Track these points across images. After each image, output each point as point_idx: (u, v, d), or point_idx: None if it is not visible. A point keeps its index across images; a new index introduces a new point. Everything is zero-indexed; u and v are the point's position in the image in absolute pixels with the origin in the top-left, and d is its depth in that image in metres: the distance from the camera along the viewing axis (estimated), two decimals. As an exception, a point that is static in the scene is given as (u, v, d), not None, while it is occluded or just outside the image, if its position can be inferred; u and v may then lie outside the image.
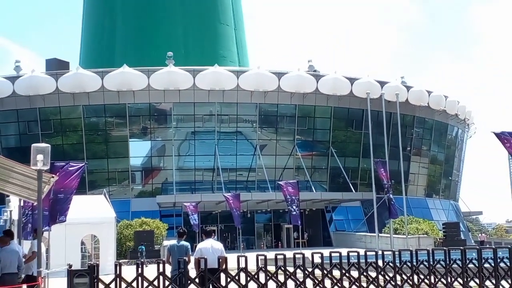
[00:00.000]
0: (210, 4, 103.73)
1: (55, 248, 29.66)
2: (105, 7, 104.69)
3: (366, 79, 69.22)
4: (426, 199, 77.12)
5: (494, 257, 17.94)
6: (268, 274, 16.14)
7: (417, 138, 76.26)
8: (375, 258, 17.39)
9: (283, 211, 66.32)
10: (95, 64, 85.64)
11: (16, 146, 61.39)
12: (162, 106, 66.86)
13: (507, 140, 31.78)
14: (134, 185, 67.64)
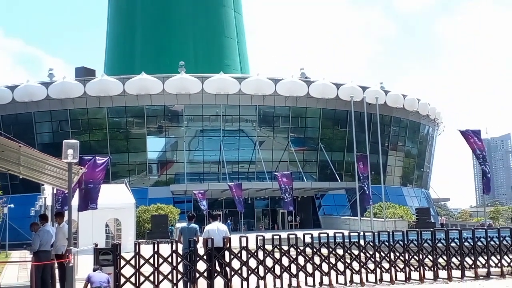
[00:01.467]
0: (217, 20, 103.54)
1: (83, 230, 29.67)
2: (127, 22, 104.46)
3: (350, 84, 69.41)
4: (401, 187, 77.16)
5: (460, 238, 17.97)
6: (266, 252, 16.19)
7: (394, 135, 76.26)
8: (358, 238, 17.42)
9: (278, 198, 66.25)
10: (117, 71, 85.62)
11: (50, 142, 61.31)
12: (175, 107, 66.88)
13: (470, 136, 31.90)
14: (151, 176, 67.67)
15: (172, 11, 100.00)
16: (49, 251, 15.08)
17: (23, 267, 23.11)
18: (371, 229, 40.47)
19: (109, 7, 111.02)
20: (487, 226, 31.74)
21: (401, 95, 74.54)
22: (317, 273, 16.22)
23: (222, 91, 65.38)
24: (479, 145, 31.63)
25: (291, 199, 50.21)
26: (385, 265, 16.97)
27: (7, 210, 45.70)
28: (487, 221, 56.50)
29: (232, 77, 69.22)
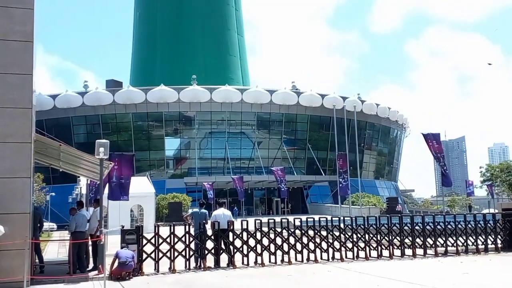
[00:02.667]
0: (223, 42, 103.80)
1: (112, 214, 29.78)
2: (148, 42, 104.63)
3: (332, 95, 69.54)
4: (375, 180, 77.15)
5: (422, 222, 18.02)
6: (262, 233, 16.22)
7: (368, 137, 76.24)
8: (338, 222, 17.45)
9: (273, 189, 66.67)
10: (140, 83, 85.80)
11: (84, 142, 61.22)
12: (188, 113, 66.84)
13: (430, 140, 31.88)
14: (168, 170, 67.72)
15: (186, 34, 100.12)
16: (84, 232, 15.09)
17: (62, 245, 23.09)
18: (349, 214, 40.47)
19: (134, 29, 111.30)
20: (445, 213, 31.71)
21: (375, 104, 74.65)
22: (305, 251, 16.25)
23: (227, 100, 65.63)
24: (437, 147, 31.57)
25: (286, 189, 51.33)
26: (361, 244, 17.00)
27: (49, 198, 45.77)
28: (445, 208, 56.48)
29: (235, 88, 69.40)
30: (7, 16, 13.09)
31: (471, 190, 69.16)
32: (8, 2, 13.15)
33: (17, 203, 12.59)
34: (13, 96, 12.89)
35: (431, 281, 11.96)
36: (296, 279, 12.96)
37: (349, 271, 14.04)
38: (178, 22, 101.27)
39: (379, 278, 12.55)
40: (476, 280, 12.07)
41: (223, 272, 14.47)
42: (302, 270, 14.56)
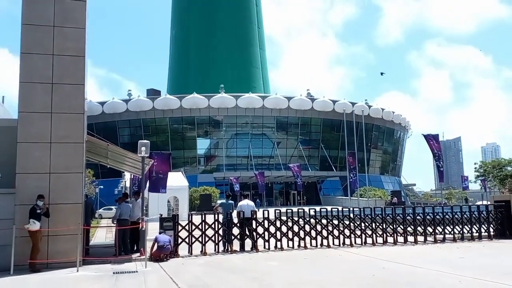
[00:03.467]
0: (247, 55, 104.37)
1: (152, 204, 30.00)
2: (183, 56, 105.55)
3: (343, 101, 69.24)
4: (380, 176, 76.51)
5: (423, 212, 17.84)
6: (281, 221, 16.21)
7: (375, 138, 75.67)
8: (348, 212, 17.35)
9: (290, 183, 66.44)
10: (176, 91, 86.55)
11: (128, 142, 61.81)
12: (217, 118, 67.16)
13: (430, 139, 31.47)
14: (199, 166, 68.08)
15: (215, 49, 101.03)
16: (127, 219, 15.23)
17: (109, 231, 23.37)
18: (358, 205, 40.18)
19: (170, 45, 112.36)
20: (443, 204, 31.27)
21: (380, 108, 74.22)
22: (318, 237, 16.19)
23: (250, 106, 65.86)
24: (436, 146, 31.24)
25: (301, 183, 51.45)
26: (368, 232, 16.89)
27: (98, 190, 46.34)
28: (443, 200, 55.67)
29: (258, 96, 69.53)
30: (63, 34, 13.29)
31: (466, 184, 68.41)
32: (64, 23, 13.35)
33: (71, 194, 12.78)
34: (68, 104, 13.07)
35: (431, 264, 11.82)
36: (311, 262, 12.92)
37: (358, 255, 13.95)
38: (208, 39, 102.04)
39: (385, 262, 12.45)
40: (471, 263, 11.91)
41: (247, 255, 14.49)
42: (316, 254, 14.51)
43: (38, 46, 13.04)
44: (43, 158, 12.67)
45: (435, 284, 9.39)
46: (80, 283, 10.45)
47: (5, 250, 11.88)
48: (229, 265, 12.53)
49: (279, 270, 11.56)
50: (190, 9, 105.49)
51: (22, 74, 12.86)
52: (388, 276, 10.40)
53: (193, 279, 10.51)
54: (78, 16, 13.49)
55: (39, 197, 12.29)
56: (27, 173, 12.54)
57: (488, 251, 14.59)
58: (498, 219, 18.26)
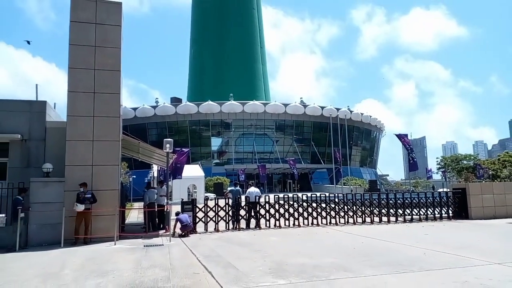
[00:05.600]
0: (251, 70, 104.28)
1: (175, 191, 30.07)
2: (200, 69, 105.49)
3: (329, 107, 69.02)
4: (360, 168, 76.26)
5: (395, 197, 17.82)
6: (279, 205, 16.22)
7: (355, 137, 75.32)
8: (334, 197, 17.35)
9: (287, 173, 66.30)
10: (194, 98, 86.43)
11: (156, 140, 61.52)
12: (227, 120, 67.06)
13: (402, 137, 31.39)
14: (213, 160, 68.01)
15: (226, 65, 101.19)
16: (153, 202, 15.31)
17: (140, 212, 23.42)
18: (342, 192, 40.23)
19: (189, 61, 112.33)
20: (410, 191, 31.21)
21: (360, 113, 73.90)
22: (309, 217, 16.20)
23: (254, 111, 65.74)
24: (408, 141, 31.32)
25: (296, 173, 51.33)
26: (350, 213, 16.87)
27: (131, 179, 46.36)
28: (411, 188, 55.47)
29: (260, 103, 69.38)
30: (102, 53, 13.34)
31: (430, 174, 68.25)
32: (103, 43, 13.40)
33: (109, 182, 12.83)
34: (106, 109, 13.12)
35: (401, 239, 11.80)
36: (303, 237, 12.93)
37: (341, 232, 13.94)
38: (221, 57, 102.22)
39: (363, 238, 12.43)
40: (433, 239, 11.88)
41: (252, 232, 14.50)
42: (307, 231, 14.51)
43: (82, 62, 13.10)
44: (87, 153, 12.73)
45: (404, 255, 9.38)
46: (117, 254, 10.49)
47: (58, 227, 11.96)
48: (237, 240, 12.54)
49: (277, 244, 11.57)
50: (206, 32, 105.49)
51: (69, 85, 12.93)
52: (366, 248, 10.39)
53: (208, 251, 10.53)
54: (114, 38, 13.54)
55: (81, 185, 12.37)
56: (73, 165, 12.61)
57: (447, 229, 14.55)
58: (456, 203, 18.21)
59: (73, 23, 13.15)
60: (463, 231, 14.01)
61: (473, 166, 58.85)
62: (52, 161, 12.89)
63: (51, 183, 12.40)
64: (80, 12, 13.27)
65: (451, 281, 6.91)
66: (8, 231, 11.73)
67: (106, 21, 13.49)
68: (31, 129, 13.34)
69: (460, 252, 9.56)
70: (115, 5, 13.73)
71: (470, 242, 11.29)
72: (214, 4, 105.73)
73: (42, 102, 13.83)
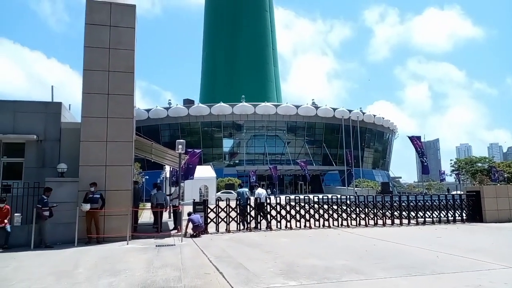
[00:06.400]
0: (263, 71, 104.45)
1: (187, 191, 30.15)
2: (212, 71, 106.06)
3: (341, 108, 68.77)
4: (372, 170, 75.72)
5: (407, 200, 17.63)
6: (290, 206, 16.17)
7: (368, 139, 74.89)
8: (345, 199, 17.23)
9: (298, 175, 66.10)
10: (206, 100, 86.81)
11: (169, 141, 61.95)
12: (239, 122, 67.27)
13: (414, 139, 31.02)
14: (225, 161, 68.24)
15: (237, 67, 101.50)
16: (162, 203, 15.54)
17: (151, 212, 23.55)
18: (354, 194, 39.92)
19: (202, 63, 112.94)
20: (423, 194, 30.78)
21: (372, 115, 73.41)
22: (321, 219, 16.10)
23: (266, 112, 65.79)
24: (419, 145, 30.85)
25: (307, 175, 51.23)
26: (362, 215, 16.73)
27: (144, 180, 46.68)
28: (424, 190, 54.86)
29: (272, 104, 69.36)
30: (116, 55, 13.48)
31: (443, 177, 67.46)
32: (117, 46, 13.53)
33: (122, 183, 12.93)
34: (120, 110, 13.23)
35: (413, 242, 11.66)
36: (315, 239, 12.85)
37: (353, 234, 13.83)
38: (233, 59, 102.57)
39: (375, 239, 12.32)
40: (446, 242, 11.71)
41: (263, 233, 14.47)
42: (319, 232, 14.43)
43: (97, 64, 13.24)
44: (100, 153, 12.86)
45: (417, 258, 9.27)
46: (129, 253, 10.57)
47: (72, 227, 12.11)
48: (248, 241, 12.53)
49: (288, 245, 11.53)
50: (218, 34, 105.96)
51: (84, 86, 13.07)
52: (378, 250, 10.29)
53: (219, 251, 10.55)
54: (128, 40, 13.66)
55: (91, 184, 12.50)
56: (87, 166, 12.75)
57: (461, 232, 14.34)
58: (470, 206, 17.94)
59: (88, 25, 13.31)
60: (477, 234, 13.77)
61: (488, 169, 57.93)
62: (66, 161, 13.06)
63: (66, 183, 12.56)
64: (95, 15, 13.43)
65: (464, 285, 6.80)
66: (23, 229, 11.92)
67: (120, 24, 13.61)
68: (46, 130, 13.53)
69: (474, 255, 9.40)
70: (129, 8, 13.85)
71: (484, 245, 11.10)
72: (227, 6, 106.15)
73: (58, 104, 14.03)
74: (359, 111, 70.91)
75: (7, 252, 10.98)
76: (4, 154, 13.35)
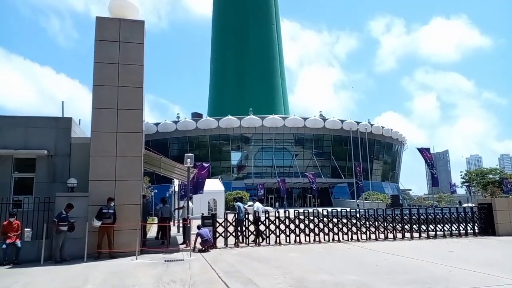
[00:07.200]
0: (270, 85, 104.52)
1: (196, 205, 30.12)
2: (220, 85, 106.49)
3: (349, 120, 68.31)
4: (382, 182, 74.95)
5: (417, 213, 17.42)
6: (299, 219, 16.05)
7: (376, 151, 74.30)
8: (355, 213, 17.07)
9: (307, 188, 65.49)
10: (214, 114, 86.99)
11: (177, 155, 62.10)
12: (246, 134, 67.13)
13: (424, 151, 30.78)
14: (233, 174, 67.95)
15: (245, 80, 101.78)
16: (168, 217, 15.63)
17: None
18: (363, 207, 39.53)
19: (210, 77, 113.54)
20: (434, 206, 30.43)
21: (381, 126, 72.95)
22: (330, 233, 15.94)
23: (274, 125, 65.63)
24: (429, 157, 30.63)
25: (316, 188, 50.85)
26: (372, 229, 16.54)
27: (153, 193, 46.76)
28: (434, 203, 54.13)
29: (279, 117, 69.13)
30: (126, 70, 13.63)
31: (454, 189, 66.62)
32: (127, 61, 13.70)
33: (132, 197, 12.96)
34: (129, 125, 13.33)
35: (425, 256, 11.48)
36: (324, 253, 12.72)
37: (364, 249, 13.66)
38: (240, 72, 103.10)
39: (386, 254, 12.15)
40: (459, 256, 11.51)
41: (272, 247, 14.35)
42: (328, 247, 14.28)
43: (106, 79, 13.39)
44: (110, 168, 12.92)
45: (428, 272, 9.11)
46: (138, 269, 10.53)
47: (81, 242, 12.12)
48: (257, 256, 12.43)
49: (298, 260, 11.41)
50: (226, 48, 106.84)
51: (94, 101, 13.21)
52: (389, 265, 10.14)
53: (228, 267, 10.47)
54: (137, 55, 13.82)
55: (109, 199, 12.52)
56: (97, 180, 12.80)
57: (473, 246, 14.09)
58: (482, 219, 17.66)
59: (98, 42, 13.52)
60: (490, 248, 13.52)
61: (499, 180, 57.09)
62: (76, 176, 13.15)
63: (76, 197, 12.61)
64: (104, 31, 13.64)
65: (479, 301, 6.65)
66: (33, 245, 11.96)
67: (129, 39, 13.80)
68: (57, 145, 13.66)
69: (488, 270, 9.22)
70: (137, 24, 14.06)
71: (498, 260, 10.88)
72: (234, 20, 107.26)
73: (68, 119, 14.18)
74: (367, 122, 70.59)
75: (17, 268, 11.01)
76: (16, 169, 13.48)
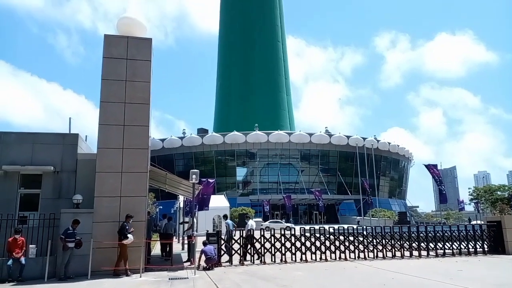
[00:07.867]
0: (276, 100, 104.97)
1: (200, 222, 29.97)
2: (225, 101, 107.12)
3: (355, 136, 68.31)
4: (389, 199, 74.36)
5: (425, 230, 17.21)
6: (305, 236, 15.89)
7: (383, 167, 74.00)
8: (362, 230, 16.88)
9: (313, 205, 65.21)
10: (220, 129, 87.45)
11: (183, 171, 62.31)
12: (252, 150, 67.28)
13: (431, 168, 30.57)
14: (238, 190, 67.83)
15: (251, 96, 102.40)
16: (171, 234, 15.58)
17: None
18: (370, 224, 39.11)
19: (216, 93, 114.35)
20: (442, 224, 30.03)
21: (387, 142, 72.83)
22: (337, 251, 15.74)
23: (279, 140, 65.83)
24: (437, 173, 30.40)
25: (322, 205, 50.40)
26: (379, 247, 16.31)
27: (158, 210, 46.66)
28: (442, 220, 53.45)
29: (285, 132, 69.26)
30: (133, 87, 13.75)
31: (462, 206, 65.84)
32: (134, 78, 13.84)
33: (137, 214, 12.90)
34: (136, 141, 13.37)
35: (433, 275, 11.27)
36: (331, 272, 12.53)
37: (371, 267, 13.46)
38: (246, 89, 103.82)
39: (393, 273, 11.95)
40: (468, 275, 11.28)
41: (278, 266, 14.19)
42: (335, 265, 14.08)
43: (113, 96, 13.50)
44: (115, 184, 12.92)
45: (438, 293, 8.92)
46: (142, 286, 10.43)
47: (86, 259, 12.05)
48: (262, 274, 12.28)
49: (304, 279, 11.25)
50: (232, 65, 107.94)
51: (101, 118, 13.28)
52: (397, 285, 9.96)
53: (233, 285, 10.33)
54: (144, 72, 13.95)
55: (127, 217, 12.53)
56: (102, 197, 12.80)
57: (483, 265, 13.83)
58: (491, 237, 17.37)
59: (106, 59, 13.69)
60: (501, 268, 13.25)
61: (508, 197, 56.35)
62: (82, 192, 13.15)
63: (81, 214, 12.59)
64: (112, 48, 13.83)
65: (490, 324, 6.49)
66: (38, 262, 11.91)
67: (137, 57, 13.96)
68: (63, 161, 13.72)
69: (499, 291, 9.01)
70: (145, 41, 14.25)
71: (509, 279, 10.65)
72: (240, 38, 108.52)
73: (75, 135, 14.28)
74: (373, 138, 70.46)
75: (20, 285, 10.95)
76: (22, 185, 13.53)
